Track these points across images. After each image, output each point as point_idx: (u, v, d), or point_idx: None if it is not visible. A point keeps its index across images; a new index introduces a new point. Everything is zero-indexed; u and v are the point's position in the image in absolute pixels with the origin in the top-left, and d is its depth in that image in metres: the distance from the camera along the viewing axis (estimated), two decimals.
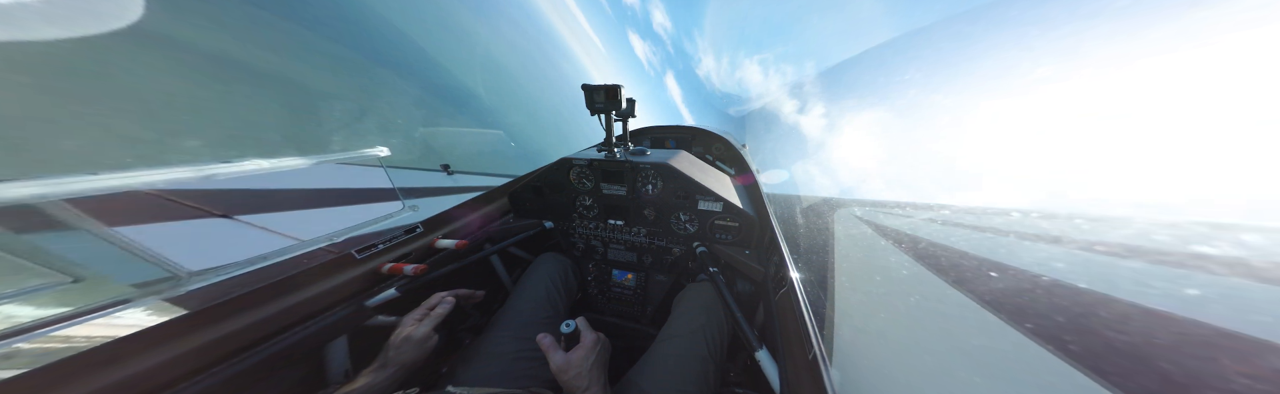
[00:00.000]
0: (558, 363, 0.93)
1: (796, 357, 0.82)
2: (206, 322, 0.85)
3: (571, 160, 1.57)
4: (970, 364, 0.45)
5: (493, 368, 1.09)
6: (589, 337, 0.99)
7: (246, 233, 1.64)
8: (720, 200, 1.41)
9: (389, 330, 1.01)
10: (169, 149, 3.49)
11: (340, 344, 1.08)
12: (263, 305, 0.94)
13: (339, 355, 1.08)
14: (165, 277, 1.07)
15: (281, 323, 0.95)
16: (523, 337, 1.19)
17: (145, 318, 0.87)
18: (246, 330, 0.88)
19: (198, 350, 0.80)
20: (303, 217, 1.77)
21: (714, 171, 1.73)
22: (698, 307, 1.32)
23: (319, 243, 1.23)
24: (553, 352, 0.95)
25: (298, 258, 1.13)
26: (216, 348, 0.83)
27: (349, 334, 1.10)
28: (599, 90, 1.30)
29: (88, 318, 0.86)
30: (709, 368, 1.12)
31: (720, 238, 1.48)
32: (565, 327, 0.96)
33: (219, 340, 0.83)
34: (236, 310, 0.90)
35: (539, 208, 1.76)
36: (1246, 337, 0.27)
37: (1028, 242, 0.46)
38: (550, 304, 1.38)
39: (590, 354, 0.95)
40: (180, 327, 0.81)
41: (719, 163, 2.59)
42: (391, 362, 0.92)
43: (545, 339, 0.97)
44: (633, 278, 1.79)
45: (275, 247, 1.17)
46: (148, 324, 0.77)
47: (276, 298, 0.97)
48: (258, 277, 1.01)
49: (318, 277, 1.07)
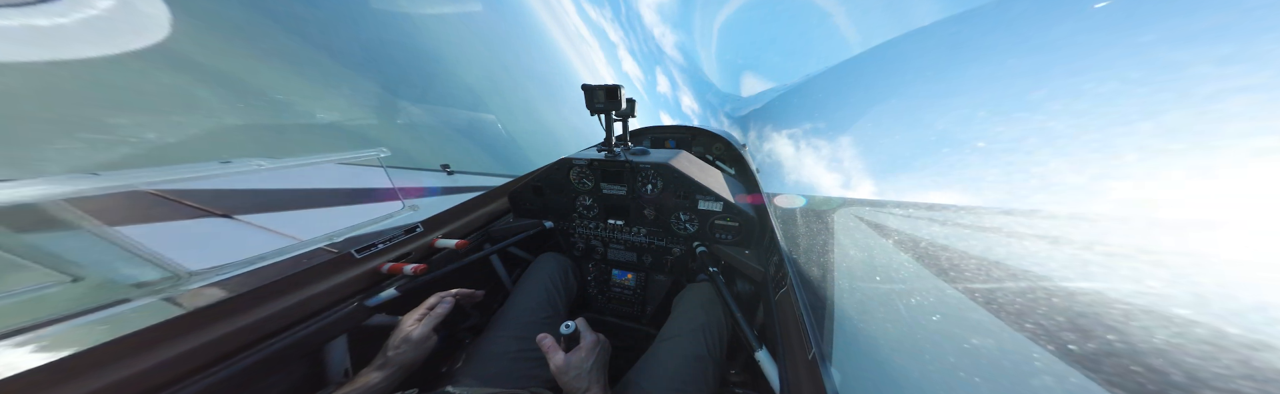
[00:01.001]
0: (558, 364, 0.93)
1: (796, 357, 0.82)
2: (206, 321, 0.84)
3: (571, 160, 1.57)
4: (970, 364, 0.45)
5: (493, 368, 1.09)
6: (589, 338, 0.99)
7: (246, 232, 1.64)
8: (720, 200, 1.41)
9: (389, 330, 1.01)
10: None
11: (340, 344, 1.08)
12: (262, 305, 0.94)
13: (339, 355, 1.08)
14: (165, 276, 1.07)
15: (281, 322, 0.95)
16: (522, 336, 1.19)
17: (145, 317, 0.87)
18: (246, 330, 0.88)
19: (197, 350, 0.80)
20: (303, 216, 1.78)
21: (714, 171, 1.73)
22: (697, 306, 1.32)
23: (319, 242, 1.23)
24: (553, 352, 0.95)
25: (297, 258, 1.13)
26: (216, 347, 0.83)
27: (349, 334, 1.10)
28: (599, 90, 1.30)
29: (87, 317, 0.86)
30: (708, 368, 1.12)
31: (720, 238, 1.48)
32: (565, 328, 0.96)
33: (219, 340, 0.83)
34: (236, 310, 0.90)
35: (539, 208, 1.76)
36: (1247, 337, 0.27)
37: (1028, 241, 0.46)
38: (550, 304, 1.38)
39: (590, 355, 0.95)
40: (180, 326, 0.81)
41: (719, 163, 2.59)
42: (391, 362, 0.92)
43: (545, 340, 0.97)
44: (632, 278, 1.79)
45: (275, 246, 1.17)
46: (147, 323, 0.77)
47: (276, 297, 0.97)
48: (257, 276, 1.01)
49: (317, 276, 1.07)
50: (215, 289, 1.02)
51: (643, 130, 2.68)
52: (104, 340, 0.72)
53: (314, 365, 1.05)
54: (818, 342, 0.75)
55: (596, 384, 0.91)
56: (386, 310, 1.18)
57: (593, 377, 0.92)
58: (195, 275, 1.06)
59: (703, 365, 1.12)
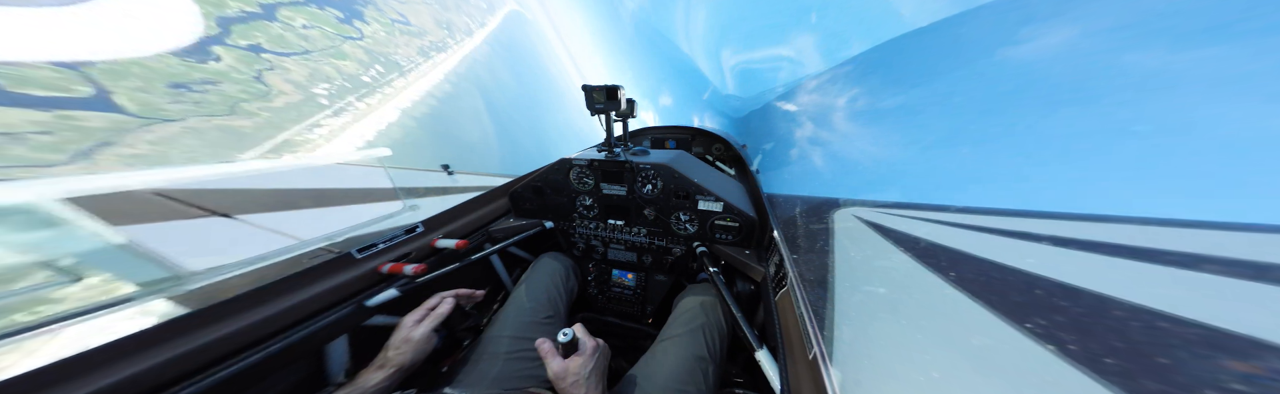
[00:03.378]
0: (556, 370, 0.92)
1: (797, 357, 0.82)
2: (207, 321, 0.85)
3: (571, 160, 1.57)
4: (971, 364, 0.45)
5: (493, 368, 1.09)
6: (588, 344, 0.98)
7: (247, 233, 1.65)
8: (720, 200, 1.41)
9: (389, 330, 1.01)
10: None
11: (340, 344, 1.08)
12: (263, 305, 0.94)
13: (339, 355, 1.08)
14: (166, 276, 1.07)
15: (281, 323, 0.95)
16: (523, 337, 1.19)
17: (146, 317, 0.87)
18: (247, 330, 0.88)
19: (198, 350, 0.80)
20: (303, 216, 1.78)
21: (714, 171, 1.73)
22: (697, 306, 1.32)
23: (319, 243, 1.23)
24: (551, 358, 0.94)
25: (298, 258, 1.13)
26: (217, 347, 0.83)
27: (349, 334, 1.10)
28: (599, 91, 1.30)
29: (88, 317, 0.86)
30: (709, 368, 1.12)
31: (720, 238, 1.48)
32: (562, 336, 0.93)
33: (219, 340, 0.83)
34: (236, 310, 0.90)
35: (539, 208, 1.76)
36: (1247, 337, 0.27)
37: (1029, 241, 0.46)
38: (550, 304, 1.38)
39: (589, 361, 0.94)
40: (180, 326, 0.81)
41: (719, 163, 2.59)
42: (391, 362, 0.92)
43: (544, 344, 0.97)
44: (633, 278, 1.79)
45: (275, 246, 1.17)
46: (148, 324, 0.77)
47: (276, 298, 0.97)
48: (258, 276, 1.02)
49: (318, 276, 1.07)
50: (216, 289, 1.02)
51: (643, 130, 2.69)
52: (105, 341, 0.72)
53: (314, 366, 1.05)
54: (818, 342, 0.75)
55: (594, 391, 0.90)
56: (387, 311, 1.18)
57: (590, 384, 0.91)
58: (196, 275, 1.06)
59: (702, 365, 1.12)
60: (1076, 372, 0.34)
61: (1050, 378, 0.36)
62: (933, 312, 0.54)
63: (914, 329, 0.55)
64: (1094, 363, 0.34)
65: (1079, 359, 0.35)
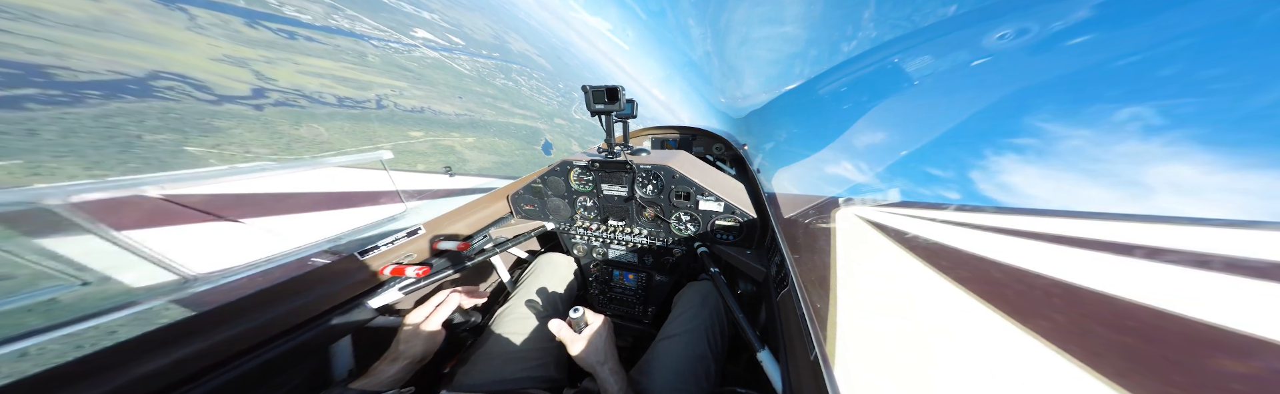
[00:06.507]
0: (577, 343, 1.01)
1: (799, 357, 0.82)
2: (212, 323, 0.85)
3: (571, 161, 1.57)
4: (972, 364, 0.46)
5: (494, 368, 1.09)
6: (598, 317, 1.08)
7: (251, 235, 1.65)
8: (721, 200, 1.41)
9: (393, 331, 1.01)
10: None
11: (344, 345, 1.09)
12: (267, 307, 0.95)
13: (343, 356, 1.09)
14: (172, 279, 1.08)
15: (286, 324, 0.96)
16: (523, 337, 1.19)
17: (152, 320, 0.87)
18: (252, 332, 0.89)
19: (203, 352, 0.81)
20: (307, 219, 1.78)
21: (714, 171, 1.73)
22: (697, 306, 1.32)
23: (322, 245, 1.23)
24: (565, 332, 1.03)
25: (301, 260, 1.13)
26: (222, 349, 0.84)
27: (353, 335, 1.10)
28: (600, 91, 1.30)
29: (96, 320, 0.87)
30: (709, 367, 1.13)
31: (721, 238, 1.48)
32: (574, 312, 1.03)
33: (225, 342, 0.84)
34: (241, 312, 0.90)
35: (540, 209, 1.76)
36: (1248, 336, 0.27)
37: (1029, 241, 0.46)
38: (551, 305, 1.39)
39: (603, 330, 1.04)
40: (186, 328, 0.81)
41: (719, 163, 2.59)
42: (402, 355, 0.93)
43: (554, 323, 1.05)
44: (633, 278, 1.80)
45: (279, 249, 1.18)
46: (154, 326, 0.78)
47: (281, 300, 0.98)
48: (262, 279, 1.02)
49: (321, 278, 1.08)
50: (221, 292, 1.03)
51: (643, 131, 2.69)
52: (112, 343, 0.72)
53: (319, 367, 1.06)
54: (820, 342, 0.75)
55: (611, 358, 1.00)
56: (390, 312, 1.18)
57: (607, 351, 1.01)
58: (202, 278, 1.06)
59: (703, 364, 1.12)
60: (1079, 371, 0.34)
61: (1052, 377, 0.36)
62: (934, 312, 0.54)
63: (915, 329, 0.55)
64: (1096, 362, 0.34)
65: (1081, 358, 0.35)
